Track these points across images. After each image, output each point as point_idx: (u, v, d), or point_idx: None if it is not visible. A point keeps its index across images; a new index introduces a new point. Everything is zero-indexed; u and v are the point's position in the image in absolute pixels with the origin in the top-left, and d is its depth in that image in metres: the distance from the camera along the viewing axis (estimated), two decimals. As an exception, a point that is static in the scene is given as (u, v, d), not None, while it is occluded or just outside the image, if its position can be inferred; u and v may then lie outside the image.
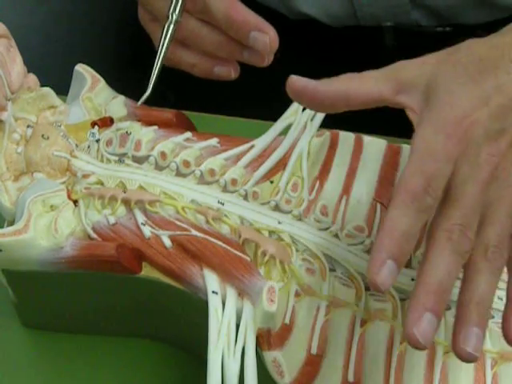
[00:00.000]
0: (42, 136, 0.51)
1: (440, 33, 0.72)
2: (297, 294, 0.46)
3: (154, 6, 0.57)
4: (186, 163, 0.50)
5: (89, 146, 0.51)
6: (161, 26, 0.56)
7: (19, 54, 0.54)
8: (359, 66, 0.75)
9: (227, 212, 0.48)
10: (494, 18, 0.69)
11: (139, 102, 0.54)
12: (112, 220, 0.47)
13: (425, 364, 0.44)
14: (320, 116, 0.54)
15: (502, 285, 0.47)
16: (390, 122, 0.64)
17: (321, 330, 0.45)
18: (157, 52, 0.55)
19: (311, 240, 0.48)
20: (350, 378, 0.43)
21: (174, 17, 0.55)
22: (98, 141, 0.51)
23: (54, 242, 0.46)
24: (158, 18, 0.57)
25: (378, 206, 0.50)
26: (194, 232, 0.46)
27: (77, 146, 0.52)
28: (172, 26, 0.55)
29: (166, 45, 0.55)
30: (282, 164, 0.52)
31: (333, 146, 0.52)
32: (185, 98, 0.60)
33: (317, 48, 0.74)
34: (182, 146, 0.51)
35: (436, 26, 0.71)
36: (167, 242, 0.46)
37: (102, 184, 0.50)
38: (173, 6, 0.55)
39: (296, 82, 0.42)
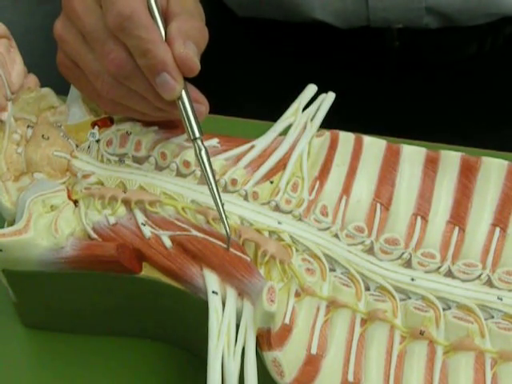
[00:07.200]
0: (42, 136, 0.51)
1: (442, 30, 0.72)
2: (297, 294, 0.46)
3: (73, 48, 0.49)
4: (186, 163, 0.50)
5: (89, 147, 0.52)
6: (83, 73, 0.49)
7: (19, 54, 0.54)
8: (361, 66, 0.74)
9: (227, 212, 0.48)
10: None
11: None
12: (112, 220, 0.48)
13: (425, 364, 0.44)
14: (320, 116, 0.54)
15: (503, 285, 0.47)
16: (390, 122, 0.64)
17: (321, 330, 0.45)
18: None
19: (311, 240, 0.48)
20: (350, 378, 0.44)
21: (199, 141, 0.47)
22: (98, 141, 0.51)
23: (54, 242, 0.46)
24: (79, 65, 0.49)
25: (378, 205, 0.50)
26: (194, 232, 0.47)
27: (77, 146, 0.52)
28: (203, 150, 0.47)
29: (211, 173, 0.46)
30: (282, 164, 0.52)
31: (333, 146, 0.52)
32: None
33: (317, 48, 0.74)
34: (182, 146, 0.51)
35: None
36: (167, 242, 0.46)
37: (102, 184, 0.50)
38: (192, 129, 0.47)
39: None
